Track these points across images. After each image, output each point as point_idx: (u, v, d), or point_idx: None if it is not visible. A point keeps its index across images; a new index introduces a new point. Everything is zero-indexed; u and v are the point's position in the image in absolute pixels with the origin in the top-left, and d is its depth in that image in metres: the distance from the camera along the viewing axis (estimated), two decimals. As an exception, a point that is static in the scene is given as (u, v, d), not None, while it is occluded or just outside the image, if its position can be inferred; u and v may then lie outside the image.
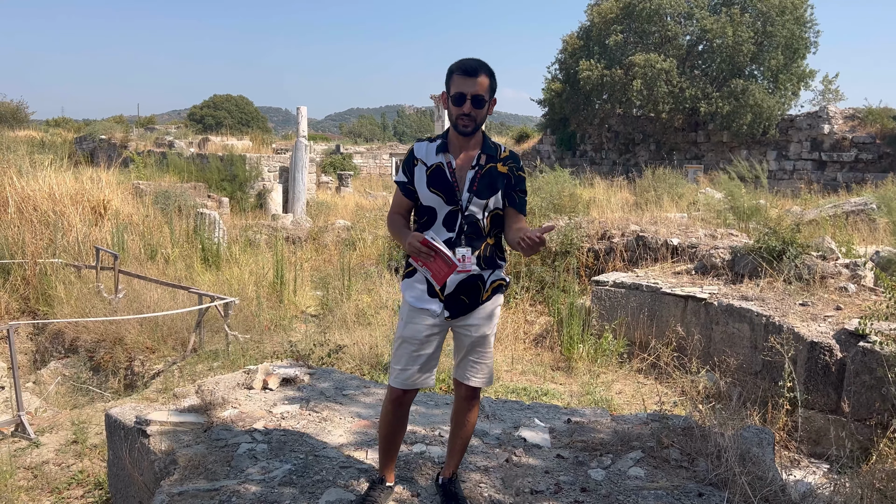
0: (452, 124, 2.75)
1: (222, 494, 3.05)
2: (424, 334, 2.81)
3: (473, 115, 2.68)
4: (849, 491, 3.39)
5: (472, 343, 2.86)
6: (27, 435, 5.60)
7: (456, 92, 2.67)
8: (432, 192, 2.77)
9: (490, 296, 2.85)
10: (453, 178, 2.76)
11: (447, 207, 2.76)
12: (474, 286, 2.80)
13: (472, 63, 2.67)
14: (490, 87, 2.70)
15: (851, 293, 6.64)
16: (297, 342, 6.61)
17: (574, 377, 6.89)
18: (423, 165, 2.80)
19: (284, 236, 12.94)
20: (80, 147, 26.83)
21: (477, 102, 2.66)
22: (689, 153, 24.57)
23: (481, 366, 2.89)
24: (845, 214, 11.43)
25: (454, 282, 2.75)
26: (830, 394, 5.47)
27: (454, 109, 2.69)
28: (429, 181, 2.77)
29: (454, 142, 2.80)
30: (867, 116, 20.53)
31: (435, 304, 2.79)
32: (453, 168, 2.77)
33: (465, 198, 2.75)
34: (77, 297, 8.49)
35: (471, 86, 2.65)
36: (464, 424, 2.96)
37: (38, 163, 12.10)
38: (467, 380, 2.90)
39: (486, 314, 2.86)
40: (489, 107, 2.73)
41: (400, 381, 2.83)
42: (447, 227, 2.77)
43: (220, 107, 53.33)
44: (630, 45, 24.88)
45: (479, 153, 2.80)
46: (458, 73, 2.67)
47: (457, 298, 2.79)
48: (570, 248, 9.68)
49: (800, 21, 23.28)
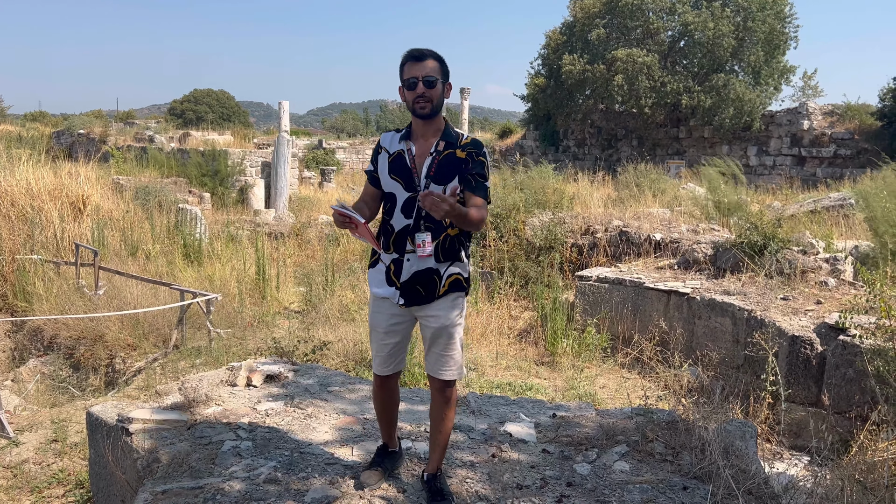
0: (411, 110, 2.83)
1: (206, 492, 3.02)
2: (388, 322, 2.94)
3: (428, 96, 2.77)
4: (829, 483, 3.42)
5: (434, 335, 2.90)
6: (6, 433, 5.52)
7: (408, 77, 2.78)
8: (392, 179, 2.87)
9: (447, 291, 2.87)
10: (412, 165, 2.84)
11: (406, 194, 2.84)
12: (430, 279, 2.85)
13: (419, 49, 2.80)
14: (441, 70, 2.80)
15: (831, 287, 6.72)
16: (281, 339, 6.58)
17: (558, 372, 6.91)
18: (387, 153, 2.91)
19: (267, 232, 12.86)
20: (58, 142, 26.45)
21: (428, 83, 2.76)
22: (671, 149, 24.72)
23: (447, 358, 2.92)
24: (824, 209, 11.56)
25: (410, 270, 2.83)
26: (811, 387, 5.54)
27: (409, 94, 2.79)
28: (390, 168, 2.88)
29: (416, 130, 2.89)
30: (846, 112, 20.77)
31: (391, 291, 2.89)
32: (413, 155, 2.86)
33: (422, 184, 2.82)
34: (56, 293, 8.38)
35: (420, 69, 2.76)
36: (441, 419, 2.99)
37: (15, 157, 11.91)
38: (436, 373, 2.95)
39: (445, 306, 2.89)
40: (444, 89, 2.83)
41: (377, 368, 3.03)
42: (405, 214, 2.84)
43: (201, 101, 52.79)
44: (612, 41, 24.94)
45: (439, 140, 2.86)
46: (408, 61, 2.79)
47: (412, 288, 2.85)
48: (554, 243, 9.71)
49: (780, 16, 23.45)
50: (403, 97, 2.83)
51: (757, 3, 22.84)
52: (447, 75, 2.84)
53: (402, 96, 2.85)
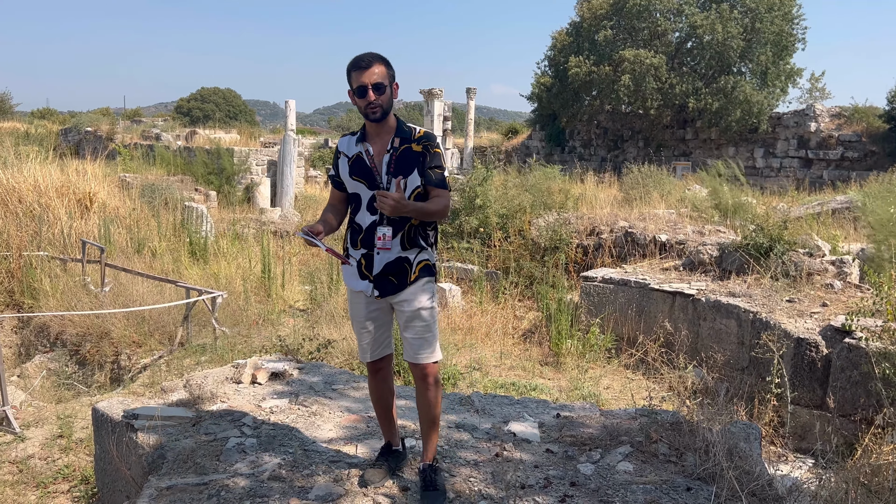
0: (363, 115, 2.93)
1: (211, 489, 3.03)
2: (365, 312, 3.07)
3: (378, 102, 2.87)
4: (834, 485, 3.41)
5: (408, 319, 3.01)
6: (12, 429, 5.55)
7: (357, 86, 2.87)
8: (355, 180, 2.98)
9: (418, 276, 3.00)
10: (372, 164, 2.96)
11: (370, 192, 2.95)
12: (401, 268, 2.98)
13: (365, 57, 2.88)
14: (388, 75, 2.90)
15: (837, 290, 6.70)
16: (286, 337, 6.59)
17: (562, 372, 6.90)
18: (346, 157, 3.02)
19: (272, 230, 12.89)
20: (66, 139, 26.54)
21: (378, 89, 2.86)
22: (678, 150, 24.67)
23: (421, 341, 3.01)
24: (831, 212, 11.52)
25: (381, 262, 2.96)
26: (816, 389, 5.52)
27: (360, 101, 2.89)
28: (350, 170, 2.99)
29: (371, 131, 3.00)
30: (853, 115, 20.68)
31: (365, 285, 3.01)
32: (371, 155, 2.97)
33: (384, 181, 2.94)
34: (63, 290, 8.41)
35: (368, 76, 2.85)
36: (428, 404, 3.06)
37: (22, 154, 11.96)
38: (414, 358, 3.03)
39: (416, 290, 3.00)
40: (393, 91, 2.93)
41: (362, 356, 3.17)
42: (370, 211, 2.96)
43: (208, 99, 52.96)
44: (619, 42, 24.89)
45: (394, 137, 2.97)
46: (355, 70, 2.87)
47: (385, 278, 2.98)
48: (559, 243, 9.70)
49: (788, 17, 23.36)
50: (354, 102, 2.92)
51: (765, 5, 22.76)
52: (393, 77, 2.94)
53: (352, 101, 2.94)
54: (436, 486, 3.01)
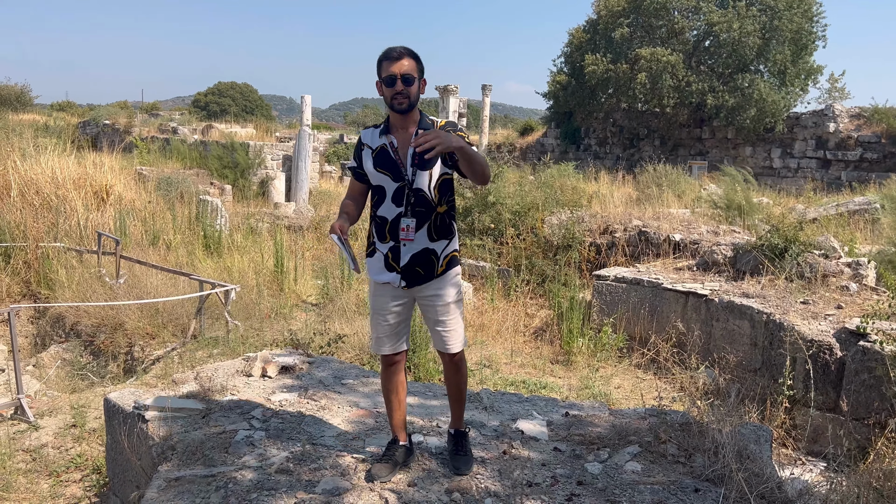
0: (389, 105, 2.95)
1: (219, 480, 3.05)
2: (390, 305, 3.08)
3: (406, 93, 2.90)
4: (846, 489, 3.38)
5: (437, 313, 3.08)
6: (26, 418, 5.62)
7: (386, 75, 2.89)
8: (379, 172, 3.00)
9: (445, 269, 3.06)
10: (397, 157, 2.98)
11: (395, 184, 2.98)
12: (428, 259, 3.02)
13: (396, 48, 2.92)
14: (417, 69, 2.93)
15: (853, 292, 6.63)
16: (297, 331, 6.62)
17: (573, 371, 6.89)
18: (369, 149, 3.05)
19: (286, 225, 12.94)
20: (84, 132, 26.79)
21: (406, 80, 2.89)
22: (694, 149, 24.49)
23: (451, 332, 3.10)
24: (849, 213, 11.39)
25: (408, 253, 2.99)
26: (829, 392, 5.47)
27: (388, 91, 2.91)
28: (375, 162, 3.01)
29: (395, 124, 3.02)
30: (873, 115, 20.41)
31: (392, 276, 3.03)
32: (395, 147, 2.99)
33: (409, 173, 2.97)
34: (78, 281, 8.49)
35: (398, 67, 2.88)
36: (454, 383, 3.22)
37: (41, 146, 12.08)
38: (444, 348, 3.13)
39: (445, 284, 3.06)
40: (420, 85, 2.96)
41: (378, 348, 3.16)
42: (395, 203, 2.99)
43: (225, 94, 53.24)
44: (636, 40, 24.74)
45: (417, 129, 2.99)
46: (386, 59, 2.90)
47: (412, 270, 3.01)
48: (572, 242, 9.67)
49: (807, 15, 23.07)
50: (381, 92, 2.95)
51: (784, 2, 22.49)
52: (422, 72, 2.97)
53: (379, 91, 2.96)
54: (465, 451, 3.20)
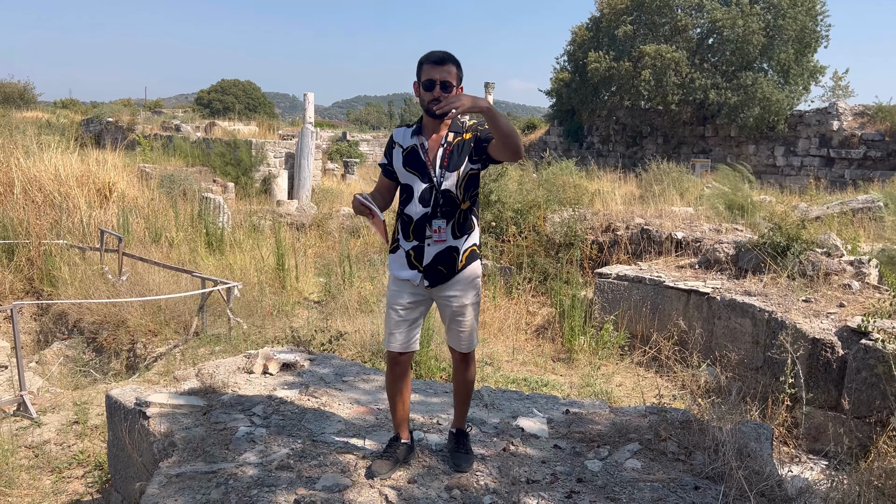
0: (425, 109, 2.99)
1: (219, 477, 3.06)
2: (407, 301, 3.10)
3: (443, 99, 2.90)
4: (846, 488, 3.38)
5: (454, 312, 3.12)
6: (29, 414, 5.64)
7: (426, 79, 2.93)
8: (408, 171, 3.06)
9: (466, 264, 3.10)
10: (426, 158, 3.03)
11: (423, 184, 3.03)
12: (450, 257, 3.06)
13: (439, 53, 2.95)
14: (457, 75, 2.97)
15: (855, 290, 6.62)
16: (299, 328, 6.62)
17: (575, 369, 6.89)
18: (400, 148, 3.10)
19: (289, 222, 12.96)
20: (87, 129, 26.83)
21: (445, 87, 2.92)
22: (697, 147, 24.44)
23: (466, 332, 3.16)
24: (852, 212, 11.36)
25: (431, 253, 3.03)
26: (831, 390, 5.46)
27: (426, 95, 2.95)
28: (404, 161, 3.07)
29: (427, 125, 3.07)
30: (877, 113, 20.34)
31: (413, 274, 3.07)
32: (426, 148, 3.05)
33: (438, 174, 3.02)
34: (81, 278, 8.51)
35: (439, 73, 2.92)
36: (462, 381, 3.28)
37: (44, 144, 12.10)
38: (458, 346, 3.19)
39: (464, 283, 3.10)
40: (457, 92, 2.97)
41: (389, 343, 3.15)
42: (423, 203, 3.03)
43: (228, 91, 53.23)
44: (640, 37, 24.69)
45: (448, 132, 3.05)
46: (428, 63, 2.94)
47: (434, 269, 3.05)
48: (574, 240, 9.66)
49: (811, 13, 23.01)
50: (418, 94, 2.99)
51: (788, 0, 22.45)
52: (461, 78, 3.00)
53: (416, 93, 3.01)
54: (466, 449, 3.24)
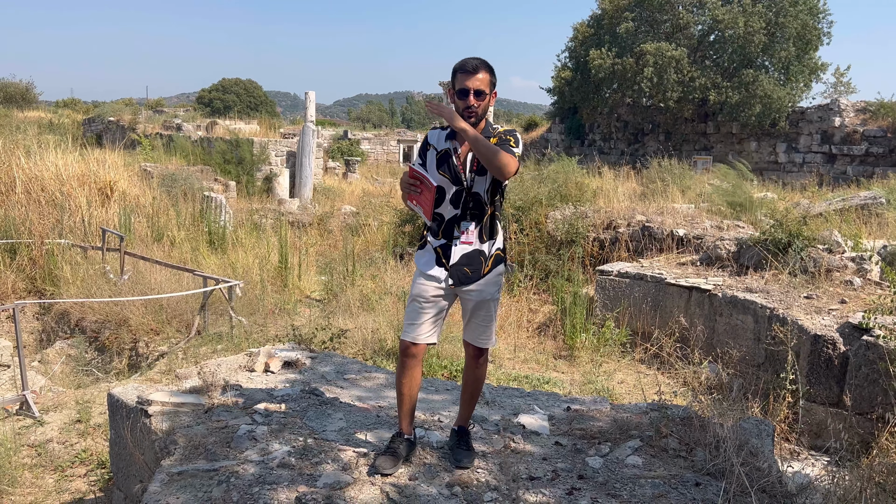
0: (459, 115, 3.04)
1: (221, 475, 3.07)
2: (431, 294, 3.14)
3: (476, 107, 3.04)
4: (848, 484, 3.38)
5: (476, 307, 3.18)
6: (32, 413, 5.65)
7: (460, 88, 3.04)
8: (441, 174, 3.13)
9: (491, 268, 3.18)
10: (458, 162, 3.12)
11: (454, 187, 3.12)
12: (476, 259, 3.14)
13: (473, 62, 3.04)
14: (490, 82, 3.07)
15: (857, 287, 6.61)
16: (301, 326, 6.63)
17: (576, 366, 6.89)
18: (434, 150, 3.18)
19: (290, 221, 12.97)
20: (89, 129, 26.86)
21: (478, 95, 3.03)
22: (699, 144, 24.42)
23: (485, 328, 3.22)
24: (854, 208, 11.34)
25: (458, 253, 3.11)
26: (832, 387, 5.46)
27: (460, 103, 3.05)
28: (437, 164, 3.15)
29: None
30: (879, 110, 20.31)
31: (439, 271, 3.14)
32: (458, 153, 3.13)
33: (468, 178, 3.11)
34: (83, 277, 8.53)
35: (473, 81, 3.02)
36: (473, 379, 3.32)
37: (45, 143, 12.12)
38: (475, 342, 3.24)
39: (488, 282, 3.17)
40: (490, 98, 3.10)
41: (407, 334, 3.16)
42: (454, 205, 3.13)
43: (229, 90, 53.24)
44: (641, 34, 24.65)
45: None
46: (461, 72, 3.04)
47: (460, 269, 3.12)
48: (576, 237, 9.66)
49: (813, 11, 22.97)
50: (453, 101, 3.10)
51: (789, -1, 22.43)
52: (494, 85, 3.11)
53: (450, 99, 3.13)
54: (468, 446, 3.27)
